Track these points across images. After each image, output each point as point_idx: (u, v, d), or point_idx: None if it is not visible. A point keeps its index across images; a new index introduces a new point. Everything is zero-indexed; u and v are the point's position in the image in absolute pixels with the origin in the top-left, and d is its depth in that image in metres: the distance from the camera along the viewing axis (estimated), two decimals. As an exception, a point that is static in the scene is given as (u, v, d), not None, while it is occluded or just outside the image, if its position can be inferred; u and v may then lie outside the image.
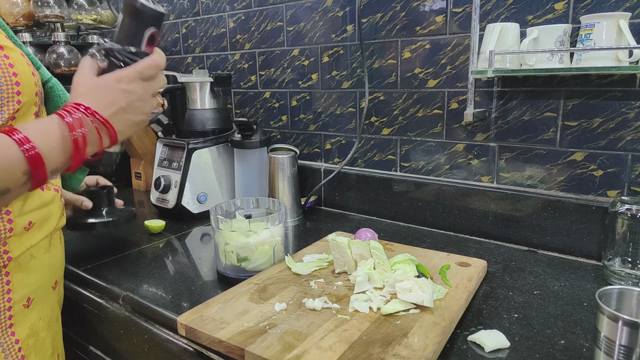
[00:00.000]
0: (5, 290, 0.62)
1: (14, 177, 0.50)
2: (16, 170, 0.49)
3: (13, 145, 0.49)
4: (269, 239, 0.84)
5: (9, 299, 0.62)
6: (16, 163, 0.49)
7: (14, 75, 0.56)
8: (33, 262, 0.66)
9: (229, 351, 0.61)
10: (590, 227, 0.91)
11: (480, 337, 0.62)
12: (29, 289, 0.65)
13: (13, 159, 0.49)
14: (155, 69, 0.61)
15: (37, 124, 0.53)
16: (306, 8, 1.27)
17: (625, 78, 0.86)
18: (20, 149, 0.49)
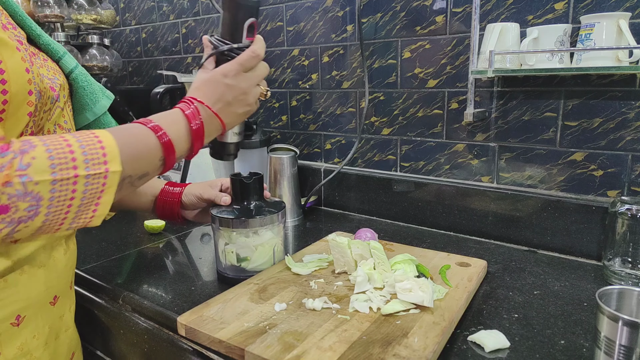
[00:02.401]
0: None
1: (153, 162, 0.56)
2: (154, 156, 0.55)
3: (150, 133, 0.55)
4: (269, 239, 0.83)
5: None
6: (154, 150, 0.55)
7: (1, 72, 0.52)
8: (23, 277, 0.60)
9: (229, 351, 0.61)
10: (590, 227, 0.91)
11: (480, 337, 0.62)
12: (18, 306, 0.60)
13: (152, 146, 0.55)
14: (256, 60, 0.66)
15: (163, 116, 0.59)
16: (306, 8, 1.27)
17: (625, 78, 0.86)
18: (156, 135, 0.55)
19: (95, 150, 0.47)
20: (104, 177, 0.47)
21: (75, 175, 0.45)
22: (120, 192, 0.51)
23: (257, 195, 0.86)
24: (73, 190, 0.45)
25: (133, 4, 1.79)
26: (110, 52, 1.65)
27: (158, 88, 1.26)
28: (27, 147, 0.44)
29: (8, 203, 0.42)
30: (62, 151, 0.45)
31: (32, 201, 0.43)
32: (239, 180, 0.84)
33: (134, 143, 0.53)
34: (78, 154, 0.46)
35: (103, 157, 0.47)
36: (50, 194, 0.44)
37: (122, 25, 1.86)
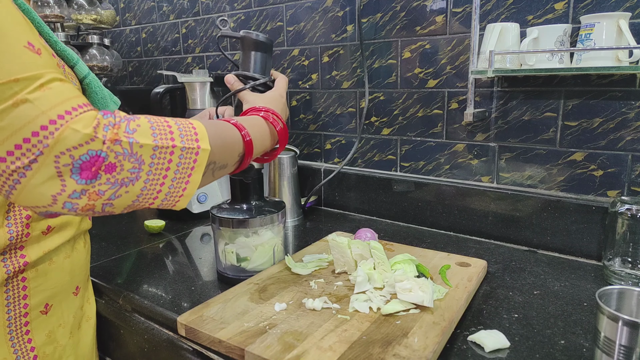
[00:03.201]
0: (22, 296, 0.61)
1: (233, 156, 0.60)
2: (236, 149, 0.60)
3: (235, 129, 0.60)
4: (269, 239, 0.84)
5: (25, 304, 0.61)
6: (237, 145, 0.60)
7: None
8: (52, 267, 0.64)
9: (229, 351, 0.61)
10: (590, 227, 0.91)
11: (480, 337, 0.62)
12: (47, 294, 0.64)
13: (236, 140, 0.60)
14: (286, 86, 0.81)
15: (246, 118, 0.66)
16: (306, 8, 1.27)
17: (625, 78, 0.86)
18: (241, 133, 0.60)
19: (189, 129, 0.50)
20: (195, 153, 0.50)
21: (172, 145, 0.48)
22: (205, 176, 0.53)
23: (257, 195, 0.86)
24: (169, 161, 0.48)
25: (133, 4, 1.79)
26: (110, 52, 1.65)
27: (158, 88, 1.26)
28: (132, 117, 0.47)
29: (115, 162, 0.43)
30: (161, 124, 0.48)
31: (135, 163, 0.45)
32: (239, 180, 0.85)
33: (220, 132, 0.57)
34: (174, 129, 0.49)
35: (195, 136, 0.50)
36: (150, 159, 0.46)
37: (122, 25, 1.86)
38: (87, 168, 0.42)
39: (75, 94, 0.44)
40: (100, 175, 0.43)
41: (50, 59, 0.46)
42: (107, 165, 0.43)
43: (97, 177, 0.43)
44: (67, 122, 0.41)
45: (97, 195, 0.44)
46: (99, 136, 0.42)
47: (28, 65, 0.42)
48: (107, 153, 0.43)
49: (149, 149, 0.46)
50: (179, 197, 0.50)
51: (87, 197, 0.43)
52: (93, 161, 0.42)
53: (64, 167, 0.41)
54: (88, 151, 0.42)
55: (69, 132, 0.41)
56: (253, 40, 0.81)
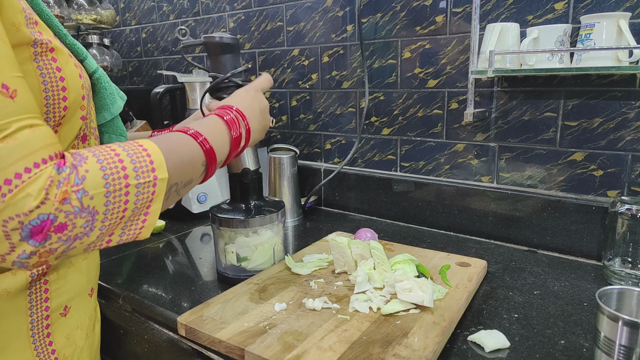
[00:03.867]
0: (43, 299, 0.60)
1: (196, 168, 0.57)
2: (197, 163, 0.57)
3: (192, 140, 0.57)
4: (268, 238, 0.84)
5: (46, 307, 0.60)
6: (197, 157, 0.57)
7: (61, 79, 0.55)
8: (71, 269, 0.64)
9: (229, 351, 0.61)
10: (590, 227, 0.91)
11: (480, 337, 0.62)
12: (67, 296, 0.63)
13: (196, 154, 0.57)
14: (269, 82, 0.77)
15: (201, 123, 0.62)
16: (306, 8, 1.27)
17: (625, 78, 0.86)
18: (197, 141, 0.57)
19: (143, 159, 0.48)
20: (153, 185, 0.48)
21: (127, 185, 0.45)
22: (167, 200, 0.52)
23: (257, 195, 0.86)
24: (125, 201, 0.45)
25: (133, 4, 1.79)
26: (110, 52, 1.65)
27: (158, 88, 1.26)
28: (79, 160, 0.44)
29: (66, 221, 0.41)
30: (112, 162, 0.45)
31: (88, 216, 0.43)
32: (238, 180, 0.85)
33: (177, 150, 0.54)
34: (127, 163, 0.46)
35: (151, 165, 0.48)
36: (104, 207, 0.44)
37: (122, 25, 1.86)
38: (37, 232, 0.40)
39: (45, 143, 0.42)
40: (50, 236, 0.41)
41: (28, 101, 0.44)
42: (57, 226, 0.41)
43: (47, 238, 0.41)
44: (24, 182, 0.39)
45: (49, 253, 0.42)
46: (50, 197, 0.40)
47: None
48: (55, 215, 0.41)
49: (101, 197, 0.43)
50: (139, 230, 0.49)
51: (38, 256, 0.42)
52: (43, 225, 0.40)
53: (12, 231, 0.39)
54: (39, 215, 0.40)
55: (21, 196, 0.39)
56: (217, 43, 0.78)
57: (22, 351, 0.58)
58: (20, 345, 0.58)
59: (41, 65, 0.52)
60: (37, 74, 0.52)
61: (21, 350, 0.58)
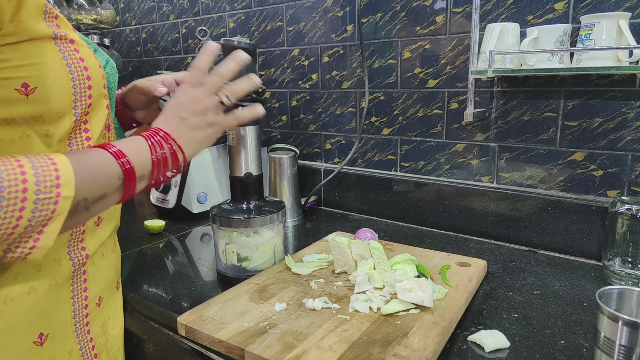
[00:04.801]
0: (83, 289, 0.63)
1: (110, 185, 0.52)
2: (113, 176, 0.52)
3: (106, 153, 0.52)
4: (269, 238, 0.84)
5: (85, 297, 0.63)
6: (113, 170, 0.52)
7: (85, 69, 0.56)
8: (104, 261, 0.66)
9: (229, 351, 0.61)
10: (590, 227, 0.91)
11: (480, 337, 0.62)
12: (100, 287, 0.66)
13: (110, 165, 0.52)
14: (196, 73, 0.63)
15: (125, 142, 0.56)
16: (306, 8, 1.27)
17: (625, 78, 0.86)
18: (111, 153, 0.52)
19: (49, 173, 0.45)
20: (54, 202, 0.45)
21: (23, 199, 0.43)
22: (73, 218, 0.49)
23: (257, 195, 0.86)
24: (18, 217, 0.43)
25: (133, 4, 1.79)
26: (111, 52, 1.65)
27: (158, 88, 1.26)
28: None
29: None
30: (12, 172, 0.43)
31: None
32: (239, 179, 0.85)
33: (90, 163, 0.50)
34: (29, 176, 0.44)
35: (56, 180, 0.45)
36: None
37: (122, 25, 1.86)
38: None
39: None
40: None
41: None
42: None
43: None
44: None
45: None
46: None
47: None
48: None
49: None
50: (29, 250, 0.46)
51: None
52: None
53: None
54: None
55: None
56: (234, 47, 0.77)
57: (67, 339, 0.61)
58: (65, 333, 0.60)
59: (66, 55, 0.54)
60: (63, 64, 0.53)
61: (65, 338, 0.61)
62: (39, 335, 0.57)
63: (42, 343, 0.58)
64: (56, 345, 0.59)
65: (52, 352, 0.59)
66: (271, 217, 0.82)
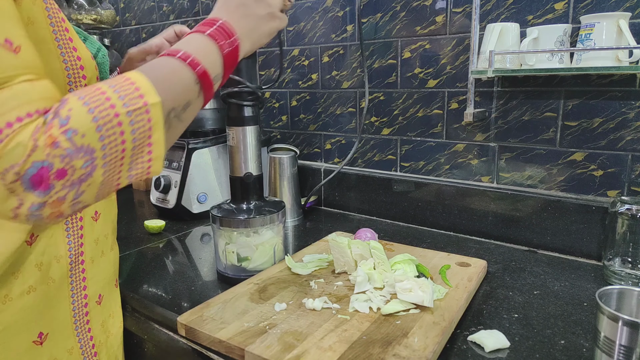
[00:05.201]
0: (82, 287, 0.63)
1: (190, 91, 0.51)
2: (189, 83, 0.50)
3: (176, 61, 0.50)
4: (269, 238, 0.84)
5: (85, 295, 0.63)
6: (187, 76, 0.50)
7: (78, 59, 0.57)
8: (103, 259, 0.66)
9: (229, 351, 0.61)
10: (590, 227, 0.91)
11: (480, 337, 0.62)
12: (100, 285, 0.66)
13: (185, 73, 0.50)
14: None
15: (184, 43, 0.53)
16: (306, 8, 1.27)
17: (625, 78, 0.86)
18: (186, 63, 0.50)
19: (127, 87, 0.44)
20: (145, 111, 0.44)
21: (116, 115, 0.42)
22: (169, 129, 0.48)
23: (257, 195, 0.86)
24: (121, 132, 0.42)
25: (133, 4, 1.79)
26: (110, 52, 1.65)
27: (158, 88, 1.26)
28: (61, 103, 0.41)
29: (63, 166, 0.39)
30: (94, 95, 0.42)
31: (86, 156, 0.40)
32: (239, 179, 0.85)
33: (163, 73, 0.49)
34: (111, 94, 0.43)
35: (137, 92, 0.44)
36: (99, 142, 0.41)
37: (122, 25, 1.86)
38: (37, 182, 0.39)
39: (42, 95, 0.42)
40: (53, 185, 0.39)
41: (31, 58, 0.43)
42: (57, 172, 0.39)
43: (50, 187, 0.39)
44: (14, 131, 0.38)
45: (59, 202, 0.40)
46: (39, 144, 0.38)
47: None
48: (50, 161, 0.39)
49: (92, 132, 0.40)
50: (147, 163, 0.45)
51: (49, 207, 0.40)
52: (41, 173, 0.39)
53: (13, 184, 0.38)
54: (33, 164, 0.38)
55: (12, 145, 0.38)
56: None
57: (67, 338, 0.61)
58: (65, 332, 0.60)
59: (61, 44, 0.54)
60: (57, 53, 0.53)
61: (66, 337, 0.61)
62: (39, 335, 0.57)
63: (42, 342, 0.58)
64: (56, 344, 0.59)
65: (52, 351, 0.59)
66: (271, 217, 0.82)
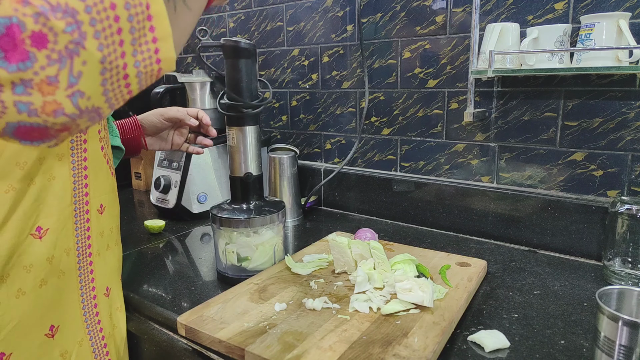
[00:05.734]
0: (90, 279, 0.64)
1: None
2: None
3: None
4: (269, 238, 0.84)
5: (93, 287, 0.64)
6: None
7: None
8: (108, 252, 0.68)
9: (229, 351, 0.61)
10: (590, 227, 0.91)
11: (480, 337, 0.62)
12: (107, 278, 0.67)
13: None
14: None
15: None
16: (306, 8, 1.27)
17: (625, 78, 0.86)
18: None
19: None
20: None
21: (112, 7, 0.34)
22: (179, 18, 0.42)
23: (257, 195, 0.86)
24: (112, 6, 0.34)
25: (133, 4, 1.79)
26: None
27: (158, 88, 1.26)
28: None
29: (39, 27, 0.31)
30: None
31: (67, 16, 0.32)
32: (239, 179, 0.85)
33: None
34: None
35: None
36: (82, 2, 0.33)
37: (122, 25, 1.86)
38: (8, 45, 0.30)
39: None
40: (32, 54, 0.31)
41: None
42: (32, 36, 0.31)
43: (28, 57, 0.31)
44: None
45: (49, 83, 0.32)
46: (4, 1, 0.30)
47: None
48: (19, 19, 0.30)
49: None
50: (154, 45, 0.37)
51: (38, 90, 0.32)
52: (9, 34, 0.30)
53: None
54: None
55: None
56: (234, 47, 0.80)
57: (77, 330, 0.62)
58: (75, 324, 0.62)
59: None
60: None
61: (76, 329, 0.62)
62: (50, 328, 0.58)
63: (54, 335, 0.59)
64: (67, 337, 0.60)
65: (62, 343, 0.59)
66: (271, 217, 0.82)
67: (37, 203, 0.56)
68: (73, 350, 0.61)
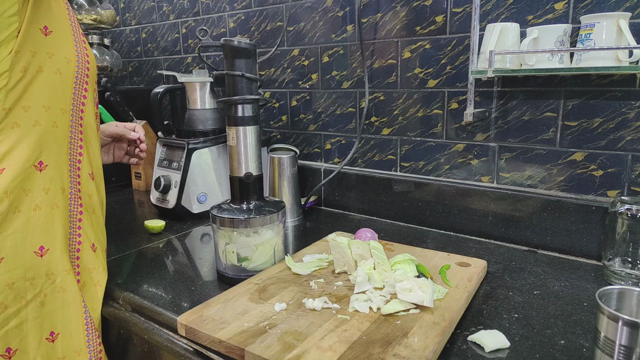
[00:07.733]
0: (77, 227, 0.75)
1: None
2: None
3: None
4: (269, 238, 0.84)
5: (79, 234, 0.75)
6: None
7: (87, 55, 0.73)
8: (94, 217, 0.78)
9: (229, 351, 0.61)
10: (590, 227, 0.91)
11: (480, 337, 0.62)
12: (93, 236, 0.78)
13: None
14: None
15: None
16: (306, 8, 1.27)
17: (625, 78, 0.86)
18: None
19: None
20: None
21: None
22: None
23: (257, 195, 0.86)
24: None
25: (133, 4, 1.79)
26: (110, 52, 1.65)
27: (158, 88, 1.26)
28: None
29: None
30: None
31: None
32: (239, 179, 0.85)
33: None
34: None
35: None
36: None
37: (122, 25, 1.86)
38: None
39: None
40: None
41: None
42: None
43: None
44: None
45: None
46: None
47: None
48: None
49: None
50: None
51: None
52: None
53: None
54: None
55: None
56: (234, 47, 0.80)
57: (62, 254, 0.71)
58: (61, 248, 0.71)
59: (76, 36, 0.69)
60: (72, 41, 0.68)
61: (61, 254, 0.71)
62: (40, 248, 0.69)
63: (43, 255, 0.69)
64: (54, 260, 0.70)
65: (50, 266, 0.70)
66: (271, 217, 0.82)
67: (40, 142, 0.68)
68: (59, 274, 0.71)
